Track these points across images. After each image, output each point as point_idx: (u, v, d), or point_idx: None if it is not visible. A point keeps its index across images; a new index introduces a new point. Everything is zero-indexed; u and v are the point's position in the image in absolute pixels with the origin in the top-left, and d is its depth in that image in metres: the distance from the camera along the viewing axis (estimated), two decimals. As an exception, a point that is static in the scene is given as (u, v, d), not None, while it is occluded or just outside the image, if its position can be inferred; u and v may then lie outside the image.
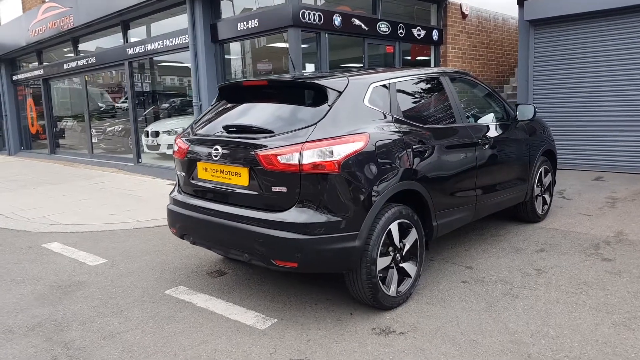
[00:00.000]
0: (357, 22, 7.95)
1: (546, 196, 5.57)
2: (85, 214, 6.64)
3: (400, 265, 3.48)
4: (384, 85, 3.57)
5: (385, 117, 3.45)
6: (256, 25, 7.51)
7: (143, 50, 9.97)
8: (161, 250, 4.97)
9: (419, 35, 9.36)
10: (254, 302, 3.65)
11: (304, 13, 7.07)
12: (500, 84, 11.86)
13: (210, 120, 3.72)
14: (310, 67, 7.76)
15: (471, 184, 4.15)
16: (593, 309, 3.36)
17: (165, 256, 4.79)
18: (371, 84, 3.48)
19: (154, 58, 10.35)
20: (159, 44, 9.50)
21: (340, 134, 3.09)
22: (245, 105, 3.65)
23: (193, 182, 3.67)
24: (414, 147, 3.51)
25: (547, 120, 9.03)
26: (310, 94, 3.32)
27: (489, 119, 4.77)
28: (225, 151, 3.35)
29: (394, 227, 3.35)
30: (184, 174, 3.77)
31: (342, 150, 3.05)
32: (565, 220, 5.56)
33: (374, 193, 3.18)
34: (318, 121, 3.12)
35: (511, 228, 5.31)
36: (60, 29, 11.57)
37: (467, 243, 4.84)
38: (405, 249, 3.50)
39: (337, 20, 7.61)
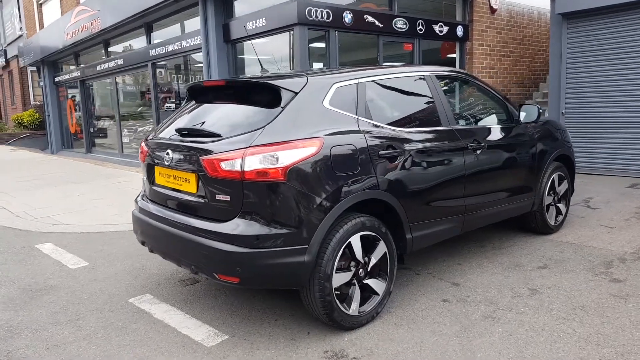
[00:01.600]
0: (370, 18, 7.62)
1: (561, 205, 5.07)
2: (90, 214, 6.67)
3: (365, 281, 3.18)
4: (351, 85, 3.28)
5: (349, 120, 3.16)
6: (264, 24, 7.34)
7: (164, 52, 10.03)
8: (145, 254, 4.86)
9: (440, 31, 8.91)
10: (212, 315, 3.45)
11: (310, 10, 6.83)
12: (535, 82, 11.18)
13: (172, 122, 3.55)
14: (318, 67, 7.51)
15: (458, 192, 3.78)
16: (582, 339, 2.94)
17: (146, 261, 4.67)
18: (334, 83, 3.20)
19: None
20: (177, 45, 9.52)
21: (289, 139, 2.84)
22: (205, 106, 3.46)
23: (152, 187, 3.52)
24: (381, 152, 3.20)
25: (581, 121, 8.40)
26: (264, 95, 3.08)
27: (487, 121, 4.37)
28: (175, 156, 3.16)
29: (355, 240, 3.06)
30: (146, 178, 3.62)
31: (288, 157, 2.79)
32: (582, 232, 5.05)
33: (327, 204, 2.90)
34: (266, 124, 2.88)
35: (517, 240, 4.86)
36: (91, 32, 11.85)
37: (462, 256, 4.45)
38: (371, 264, 3.19)
39: (347, 17, 7.31)
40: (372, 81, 3.43)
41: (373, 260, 3.20)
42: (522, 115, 4.42)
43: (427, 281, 3.91)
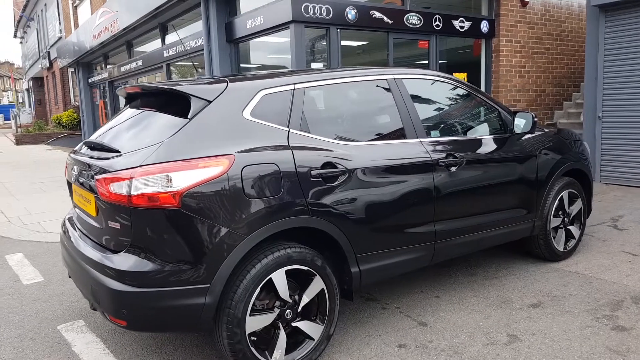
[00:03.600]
0: (377, 14, 7.04)
1: (573, 228, 4.35)
2: (79, 221, 6.48)
3: (295, 324, 2.68)
4: (284, 92, 2.78)
5: (277, 134, 2.67)
6: (262, 22, 6.93)
7: (175, 53, 9.84)
8: (104, 270, 4.55)
9: (462, 27, 8.19)
10: (134, 352, 3.05)
11: (307, 7, 6.34)
12: (575, 81, 10.20)
13: (93, 134, 3.18)
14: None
15: (425, 217, 3.20)
16: (553, 413, 2.33)
17: (100, 278, 4.35)
18: (261, 90, 2.71)
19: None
20: (187, 45, 9.27)
21: (188, 157, 2.39)
22: (125, 114, 3.05)
23: (74, 207, 3.16)
24: (315, 172, 2.69)
25: (620, 126, 7.48)
26: (174, 104, 2.64)
27: (473, 132, 3.76)
28: (79, 173, 2.79)
29: (278, 277, 2.57)
30: (69, 196, 3.27)
31: (185, 179, 2.34)
32: (597, 260, 4.31)
33: (235, 235, 2.43)
34: (166, 139, 2.44)
35: (517, 268, 4.20)
36: (112, 33, 11.87)
37: (444, 286, 3.85)
38: (303, 304, 2.70)
39: (350, 13, 6.77)
40: (314, 87, 2.92)
41: (305, 299, 2.71)
42: (517, 124, 3.77)
43: (391, 318, 3.36)
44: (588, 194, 4.50)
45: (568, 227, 4.32)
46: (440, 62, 8.37)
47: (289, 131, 2.71)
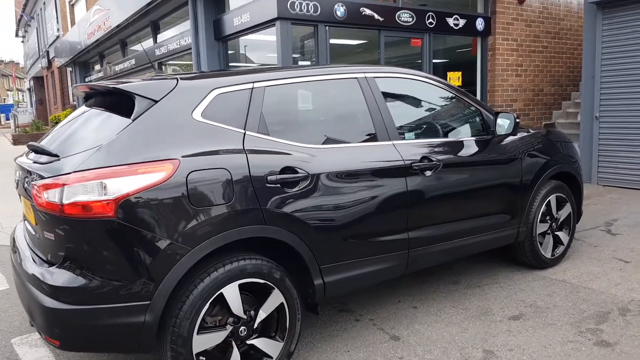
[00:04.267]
0: (367, 11, 6.84)
1: (561, 234, 4.15)
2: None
3: (250, 342, 2.50)
4: (241, 92, 2.60)
5: (231, 137, 2.49)
6: (248, 20, 6.75)
7: (166, 51, 9.68)
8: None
9: (456, 25, 7.97)
10: (85, 367, 2.88)
11: (293, 3, 6.15)
12: (574, 80, 9.96)
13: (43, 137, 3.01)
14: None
15: (397, 224, 3.00)
16: None
17: (68, 286, 4.18)
18: (214, 89, 2.53)
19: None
20: (176, 44, 9.12)
21: (127, 162, 2.20)
22: (75, 115, 2.88)
23: (23, 217, 2.99)
24: (272, 178, 2.50)
25: (618, 126, 7.24)
26: (121, 103, 2.46)
27: (453, 134, 3.56)
28: (23, 180, 2.62)
29: (230, 291, 2.39)
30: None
31: (122, 186, 2.16)
32: (586, 267, 4.10)
33: (179, 247, 2.24)
34: (106, 142, 2.26)
35: (502, 276, 3.99)
36: (105, 31, 11.73)
37: (424, 295, 3.66)
38: (259, 320, 2.51)
39: (339, 10, 6.57)
40: (275, 85, 2.73)
41: (262, 315, 2.52)
42: (500, 124, 3.57)
43: (362, 331, 3.17)
44: (578, 197, 4.29)
45: (556, 233, 4.12)
46: (434, 61, 8.18)
47: (244, 134, 2.53)
